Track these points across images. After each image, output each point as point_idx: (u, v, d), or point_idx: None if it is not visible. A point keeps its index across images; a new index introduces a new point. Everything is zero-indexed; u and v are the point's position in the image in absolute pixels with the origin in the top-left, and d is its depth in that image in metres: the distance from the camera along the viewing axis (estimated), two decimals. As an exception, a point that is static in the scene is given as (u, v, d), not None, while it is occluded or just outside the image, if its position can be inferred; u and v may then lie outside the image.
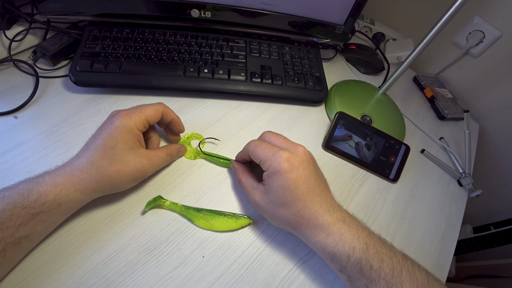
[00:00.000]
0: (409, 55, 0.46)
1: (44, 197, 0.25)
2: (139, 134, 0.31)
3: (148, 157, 0.31)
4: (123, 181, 0.29)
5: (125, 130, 0.29)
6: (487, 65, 0.62)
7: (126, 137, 0.29)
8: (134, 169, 0.30)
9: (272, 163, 0.29)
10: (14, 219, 0.24)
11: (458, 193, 0.48)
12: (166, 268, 0.30)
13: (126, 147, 0.29)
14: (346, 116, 0.45)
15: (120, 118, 0.29)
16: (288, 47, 0.51)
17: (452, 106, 0.60)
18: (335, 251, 0.28)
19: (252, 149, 0.31)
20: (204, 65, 0.44)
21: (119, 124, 0.29)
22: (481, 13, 0.58)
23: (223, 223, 0.33)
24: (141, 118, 0.30)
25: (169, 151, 0.35)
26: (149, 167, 0.31)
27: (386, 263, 0.27)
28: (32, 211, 0.25)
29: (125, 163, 0.29)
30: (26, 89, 0.40)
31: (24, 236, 0.25)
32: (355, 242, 0.27)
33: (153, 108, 0.32)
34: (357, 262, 0.27)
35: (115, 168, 0.28)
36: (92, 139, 0.30)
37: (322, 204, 0.29)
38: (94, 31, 0.44)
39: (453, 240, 0.42)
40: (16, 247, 0.25)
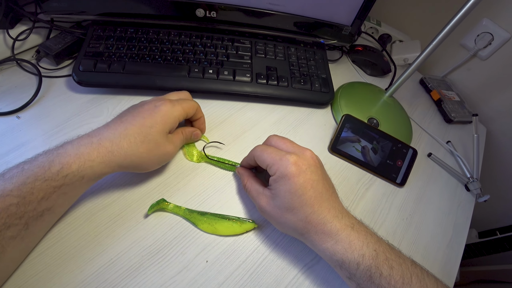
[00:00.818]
0: (417, 58, 0.45)
1: (67, 169, 0.25)
2: (176, 123, 0.32)
3: (173, 142, 0.32)
4: (150, 161, 0.30)
5: (167, 115, 0.30)
6: (496, 68, 0.61)
7: (166, 121, 0.30)
8: (163, 152, 0.31)
9: (279, 167, 0.28)
10: (36, 193, 0.24)
11: (466, 198, 0.48)
12: (169, 272, 0.29)
13: (162, 130, 0.30)
14: (352, 119, 0.45)
15: (165, 104, 0.31)
16: (294, 48, 0.51)
17: (459, 109, 0.59)
18: (344, 258, 0.27)
19: (258, 154, 0.31)
20: (209, 65, 0.44)
21: (164, 109, 0.30)
22: (490, 15, 0.57)
23: (228, 227, 0.32)
24: (183, 110, 0.32)
25: (184, 133, 0.35)
26: (174, 152, 0.33)
27: (396, 270, 0.26)
28: (54, 183, 0.24)
29: (157, 144, 0.30)
30: (29, 88, 0.39)
31: (47, 209, 0.25)
32: (364, 249, 0.27)
33: (191, 104, 0.34)
34: (367, 269, 0.26)
35: (147, 147, 0.29)
36: (128, 114, 0.30)
37: (331, 210, 0.28)
38: (98, 31, 0.43)
39: (460, 246, 0.42)
40: (38, 220, 0.25)
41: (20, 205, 0.23)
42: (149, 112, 0.30)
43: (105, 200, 0.32)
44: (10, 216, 0.23)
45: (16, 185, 0.23)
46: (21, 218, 0.23)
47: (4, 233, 0.23)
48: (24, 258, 0.27)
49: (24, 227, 0.24)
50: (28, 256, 0.28)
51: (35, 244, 0.28)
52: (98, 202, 0.32)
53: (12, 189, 0.23)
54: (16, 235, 0.23)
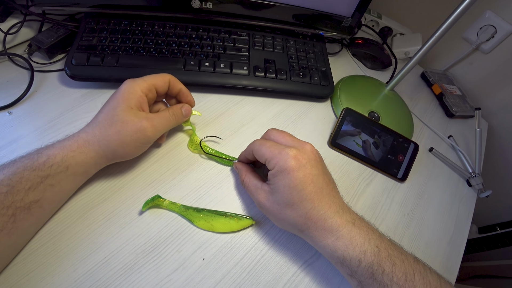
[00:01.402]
0: (418, 51, 0.44)
1: (52, 159, 0.26)
2: (142, 96, 0.30)
3: (148, 118, 0.30)
4: (122, 142, 0.29)
5: (127, 91, 0.30)
6: (498, 62, 0.60)
7: (127, 97, 0.29)
8: (133, 129, 0.29)
9: (279, 161, 0.28)
10: (24, 182, 0.24)
11: (467, 193, 0.47)
12: (164, 270, 0.29)
13: (126, 107, 0.29)
14: (353, 113, 0.44)
15: (126, 82, 0.31)
16: (293, 41, 0.50)
17: (461, 104, 0.58)
18: (345, 255, 0.26)
19: (257, 148, 0.30)
20: (205, 58, 0.43)
21: (123, 87, 0.30)
22: (493, 7, 0.56)
23: (224, 224, 0.32)
24: (146, 82, 0.31)
25: (172, 109, 0.33)
26: (149, 127, 0.30)
27: (399, 267, 0.26)
28: (41, 173, 0.25)
29: (124, 122, 0.28)
30: (21, 83, 0.38)
31: (34, 202, 0.25)
32: (366, 246, 0.26)
33: (159, 75, 0.33)
34: (369, 266, 0.26)
35: (115, 128, 0.28)
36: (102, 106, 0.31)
37: (331, 205, 0.28)
38: (91, 23, 0.42)
39: (462, 242, 0.41)
40: (26, 213, 0.25)
41: (8, 194, 0.23)
42: (113, 98, 0.30)
43: (99, 197, 0.31)
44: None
45: (6, 175, 0.24)
46: (8, 208, 0.23)
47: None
48: (12, 258, 0.26)
49: (11, 219, 0.24)
50: (20, 254, 0.27)
51: (24, 243, 0.27)
52: (91, 199, 0.31)
53: (3, 179, 0.24)
54: (2, 227, 0.23)
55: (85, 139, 0.28)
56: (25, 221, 0.25)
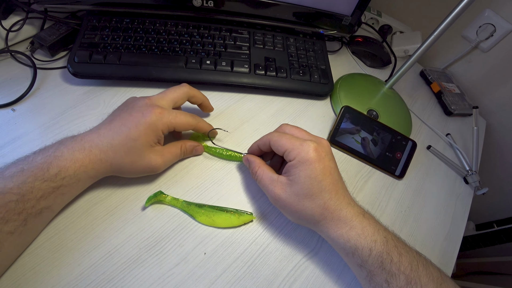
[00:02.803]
0: (417, 49, 0.44)
1: (64, 172, 0.26)
2: (161, 135, 0.31)
3: (162, 155, 0.31)
4: (134, 171, 0.31)
5: (151, 128, 0.29)
6: (497, 60, 0.60)
7: (149, 134, 0.29)
8: (148, 165, 0.30)
9: (300, 152, 0.28)
10: (35, 192, 0.25)
11: (464, 190, 0.48)
12: (167, 265, 0.29)
13: (146, 143, 0.29)
14: (352, 111, 0.44)
15: (152, 114, 0.29)
16: (293, 39, 0.50)
17: (459, 102, 0.59)
18: (358, 244, 0.27)
19: (276, 139, 0.31)
20: (206, 56, 0.43)
21: (149, 120, 0.29)
22: (493, 6, 0.56)
23: (225, 219, 0.32)
24: (171, 124, 0.31)
25: (183, 147, 0.34)
26: (161, 165, 0.32)
27: (405, 257, 0.27)
28: (53, 184, 0.26)
29: (141, 157, 0.29)
30: (23, 81, 0.39)
31: (45, 208, 0.26)
32: (376, 235, 0.28)
33: (186, 121, 0.32)
34: (379, 255, 0.27)
35: (131, 159, 0.29)
36: (117, 119, 0.30)
37: (345, 197, 0.29)
38: (93, 21, 0.42)
39: (458, 238, 0.42)
40: (37, 217, 0.26)
41: (19, 202, 0.24)
42: (135, 123, 0.29)
43: (102, 193, 0.32)
44: (8, 211, 0.23)
45: (16, 184, 0.24)
46: (19, 214, 0.24)
47: (2, 227, 0.23)
48: (20, 254, 0.27)
49: (23, 223, 0.24)
50: (27, 249, 0.27)
51: (32, 240, 0.28)
52: (95, 195, 0.32)
53: (12, 187, 0.24)
54: (14, 230, 0.24)
55: (99, 157, 0.28)
56: (35, 223, 0.26)
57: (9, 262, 0.26)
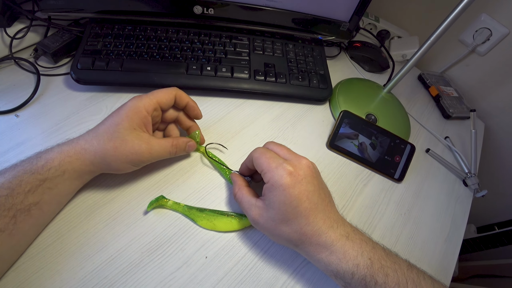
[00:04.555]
0: (415, 54, 0.45)
1: (50, 163, 0.27)
2: (146, 116, 0.30)
3: (148, 142, 0.30)
4: (117, 159, 0.29)
5: (132, 110, 0.29)
6: (494, 64, 0.61)
7: (131, 117, 0.29)
8: (131, 150, 0.29)
9: (274, 176, 0.27)
10: (24, 185, 0.25)
11: (463, 193, 0.48)
12: (168, 268, 0.29)
13: (129, 126, 0.29)
14: (350, 115, 0.45)
15: (132, 99, 0.30)
16: (292, 45, 0.51)
17: (457, 105, 0.59)
18: (339, 268, 0.27)
19: (257, 156, 0.30)
20: (207, 62, 0.44)
21: (129, 104, 0.30)
22: (489, 10, 0.57)
23: (226, 223, 0.33)
24: (152, 101, 0.30)
25: (175, 142, 0.33)
26: (146, 152, 0.30)
27: (391, 277, 0.26)
28: (40, 177, 0.26)
29: (124, 141, 0.29)
30: (27, 87, 0.39)
31: (33, 204, 0.26)
32: (359, 259, 0.27)
33: (165, 91, 0.32)
34: (362, 279, 0.26)
35: (113, 144, 0.28)
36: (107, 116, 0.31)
37: (326, 221, 0.28)
38: (96, 28, 0.43)
39: (458, 241, 0.42)
40: (26, 214, 0.25)
41: (8, 197, 0.24)
42: (117, 110, 0.30)
43: (104, 197, 0.32)
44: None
45: (7, 179, 0.25)
46: (9, 210, 0.24)
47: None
48: (15, 260, 0.27)
49: (12, 220, 0.24)
50: (29, 253, 0.28)
51: (26, 245, 0.28)
52: (97, 200, 0.32)
53: (4, 182, 0.25)
54: (4, 228, 0.24)
55: (83, 147, 0.28)
56: (25, 222, 0.26)
57: (5, 267, 0.26)
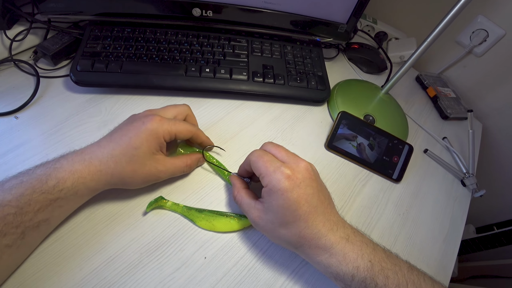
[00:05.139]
0: (412, 55, 0.45)
1: (62, 184, 0.26)
2: (163, 143, 0.31)
3: (165, 165, 0.31)
4: (135, 180, 0.30)
5: (153, 135, 0.29)
6: (491, 64, 0.61)
7: (151, 141, 0.29)
8: (149, 173, 0.30)
9: (272, 180, 0.27)
10: (33, 204, 0.24)
11: (462, 193, 0.48)
12: (167, 269, 0.29)
13: (148, 151, 0.29)
14: (348, 116, 0.45)
15: (152, 122, 0.29)
16: (290, 46, 0.51)
17: (455, 106, 0.60)
18: (338, 271, 0.27)
19: (254, 159, 0.30)
20: (206, 64, 0.44)
21: (149, 127, 0.29)
22: (485, 12, 0.58)
23: (225, 223, 0.33)
24: (172, 130, 0.31)
25: (189, 161, 0.34)
26: (163, 174, 0.32)
27: (391, 280, 0.26)
28: (50, 197, 0.25)
29: (142, 165, 0.29)
30: (27, 89, 0.39)
31: (43, 221, 0.26)
32: (359, 261, 0.27)
33: (186, 128, 0.32)
34: (362, 281, 0.26)
35: (132, 167, 0.29)
36: (118, 131, 0.30)
37: (325, 223, 0.28)
38: (95, 31, 0.44)
39: (457, 240, 0.42)
40: (34, 230, 0.25)
41: (17, 215, 0.24)
42: (135, 131, 0.29)
43: (104, 198, 0.32)
44: (7, 224, 0.23)
45: (15, 196, 0.24)
46: (17, 227, 0.24)
47: (0, 240, 0.23)
48: (18, 266, 0.27)
49: (20, 237, 0.24)
50: (28, 256, 0.28)
51: (30, 252, 0.28)
52: (97, 201, 0.32)
53: (11, 200, 0.24)
54: (12, 243, 0.24)
55: (98, 169, 0.28)
56: (33, 237, 0.26)
57: (7, 274, 0.26)
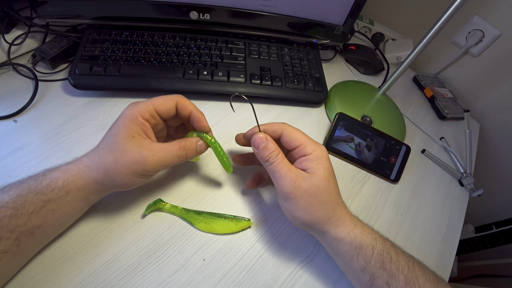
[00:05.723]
0: (408, 55, 0.46)
1: (54, 183, 0.25)
2: (144, 123, 0.28)
3: (151, 149, 0.27)
4: (120, 172, 0.26)
5: (127, 117, 0.27)
6: (487, 65, 0.61)
7: (128, 125, 0.27)
8: (132, 159, 0.26)
9: (316, 149, 0.29)
10: (27, 206, 0.24)
11: (460, 193, 0.48)
12: (166, 271, 0.30)
13: (127, 135, 0.27)
14: (346, 117, 0.45)
15: (128, 106, 0.28)
16: (288, 48, 0.51)
17: (452, 106, 0.60)
18: (362, 242, 0.28)
19: (291, 130, 0.30)
20: (203, 67, 0.44)
21: (124, 112, 0.28)
22: (481, 12, 0.58)
23: (224, 225, 0.33)
24: (148, 106, 0.28)
25: (183, 143, 0.29)
26: (149, 159, 0.27)
27: (401, 256, 0.28)
28: (43, 197, 0.25)
29: (123, 152, 0.26)
30: (25, 92, 0.40)
31: (37, 226, 0.25)
32: (374, 233, 0.29)
33: (164, 97, 0.29)
34: (380, 254, 0.27)
35: (114, 156, 0.26)
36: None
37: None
38: (93, 34, 0.44)
39: (455, 240, 0.42)
40: (29, 237, 0.25)
41: (12, 217, 0.23)
42: (115, 121, 0.28)
43: (102, 201, 0.32)
44: (2, 228, 0.23)
45: (12, 197, 0.24)
46: (12, 231, 0.23)
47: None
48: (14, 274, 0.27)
49: (16, 243, 0.24)
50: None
51: (25, 262, 0.27)
52: (96, 204, 0.32)
53: (8, 201, 0.24)
54: (7, 250, 0.23)
55: (86, 164, 0.27)
56: (28, 245, 0.25)
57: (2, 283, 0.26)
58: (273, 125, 0.30)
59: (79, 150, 0.36)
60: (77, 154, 0.32)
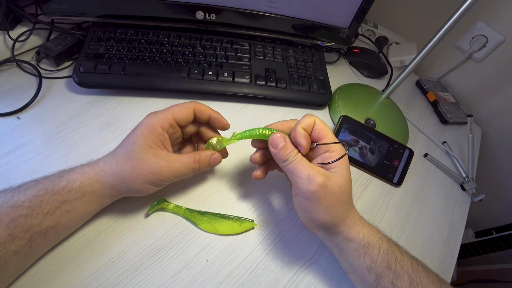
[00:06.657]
0: (413, 60, 0.46)
1: (71, 185, 0.26)
2: (162, 133, 0.29)
3: (167, 160, 0.28)
4: (136, 180, 0.27)
5: (147, 127, 0.28)
6: (490, 70, 0.62)
7: (146, 135, 0.28)
8: (149, 169, 0.27)
9: (339, 147, 0.28)
10: (44, 206, 0.24)
11: (461, 197, 0.48)
12: (169, 271, 0.29)
13: (145, 145, 0.27)
14: (350, 120, 0.45)
15: (146, 116, 0.29)
16: (292, 50, 0.51)
17: (455, 110, 0.60)
18: (370, 241, 0.28)
19: (323, 126, 0.29)
20: (209, 67, 0.44)
21: (143, 121, 0.29)
22: (485, 18, 0.58)
23: (227, 226, 0.33)
24: (167, 116, 0.29)
25: (197, 156, 0.30)
26: (165, 170, 0.28)
27: (405, 256, 0.28)
28: (60, 198, 0.25)
29: (140, 160, 0.27)
30: (29, 89, 0.40)
31: (50, 227, 0.25)
32: (380, 233, 0.29)
33: (182, 105, 0.30)
34: (385, 253, 0.27)
35: (131, 164, 0.27)
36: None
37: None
38: (98, 32, 0.44)
39: (456, 245, 0.42)
40: (42, 238, 0.25)
41: (28, 217, 0.24)
42: (133, 129, 0.29)
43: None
44: (17, 227, 0.23)
45: (28, 197, 0.24)
46: (26, 231, 0.24)
47: (9, 246, 0.23)
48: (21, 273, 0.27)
49: (28, 243, 0.24)
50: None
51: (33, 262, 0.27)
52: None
53: (24, 201, 0.24)
54: (20, 250, 0.23)
55: (102, 169, 0.27)
56: (40, 246, 0.26)
57: (9, 282, 0.26)
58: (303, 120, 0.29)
59: (82, 148, 0.36)
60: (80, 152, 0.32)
